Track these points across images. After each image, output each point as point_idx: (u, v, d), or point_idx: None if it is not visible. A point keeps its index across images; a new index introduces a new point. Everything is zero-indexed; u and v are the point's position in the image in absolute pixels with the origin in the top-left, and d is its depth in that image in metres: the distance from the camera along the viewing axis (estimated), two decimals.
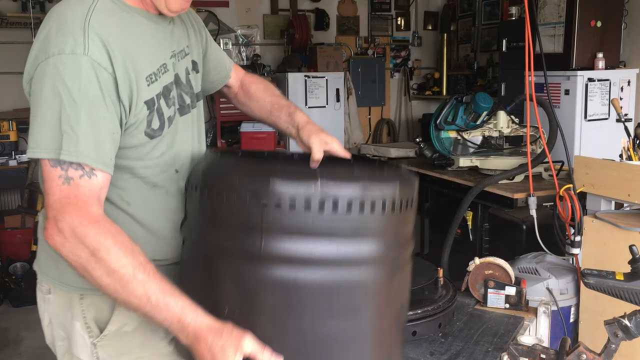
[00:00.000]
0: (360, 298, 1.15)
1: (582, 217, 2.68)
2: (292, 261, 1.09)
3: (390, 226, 1.16)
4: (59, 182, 1.13)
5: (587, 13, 4.25)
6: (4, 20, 5.66)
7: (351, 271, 1.12)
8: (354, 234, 1.11)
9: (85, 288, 1.29)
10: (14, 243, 4.63)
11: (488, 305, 1.97)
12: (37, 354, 3.61)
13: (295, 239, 1.08)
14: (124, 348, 1.34)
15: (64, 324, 1.36)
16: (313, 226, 1.08)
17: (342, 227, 1.09)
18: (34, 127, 1.16)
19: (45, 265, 1.37)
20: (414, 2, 7.60)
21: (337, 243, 1.10)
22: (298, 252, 1.09)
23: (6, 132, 4.97)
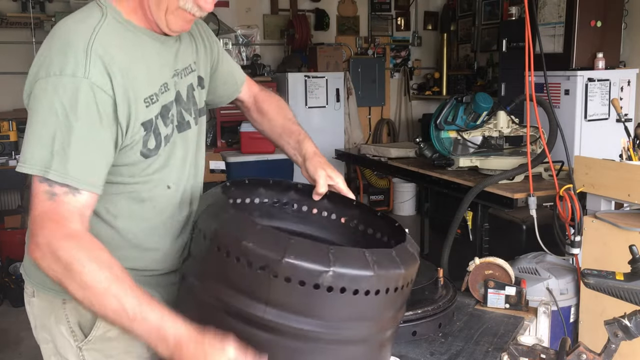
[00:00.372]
0: None
1: (582, 217, 2.68)
2: (291, 334, 1.11)
3: (390, 306, 1.19)
4: (44, 198, 1.14)
5: (587, 13, 4.25)
6: (4, 20, 5.66)
7: (346, 346, 1.16)
8: (356, 317, 1.13)
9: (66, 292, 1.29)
10: (14, 243, 4.63)
11: (488, 305, 1.97)
12: (37, 354, 3.59)
13: (298, 314, 1.10)
14: (109, 352, 1.35)
15: (48, 327, 1.37)
16: (319, 305, 1.09)
17: (346, 309, 1.11)
18: (28, 143, 1.18)
19: (29, 269, 1.38)
20: (414, 2, 7.60)
21: (336, 322, 1.12)
22: (299, 326, 1.10)
23: (6, 132, 4.97)
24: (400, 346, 1.70)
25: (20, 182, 4.86)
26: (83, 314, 1.33)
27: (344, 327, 1.13)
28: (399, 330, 1.70)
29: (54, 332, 1.36)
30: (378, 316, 1.18)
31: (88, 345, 1.34)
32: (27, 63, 4.84)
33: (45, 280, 1.31)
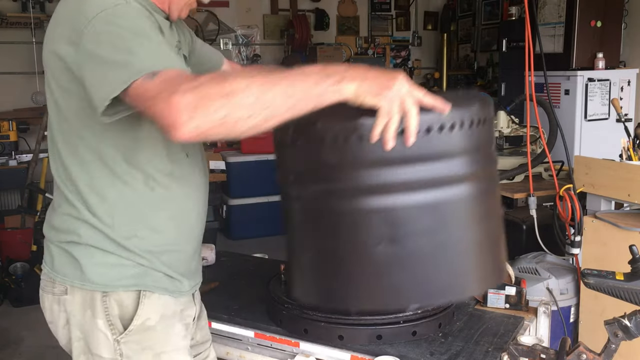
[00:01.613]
0: (457, 213, 1.22)
1: (582, 217, 2.68)
2: (391, 188, 1.16)
3: (471, 143, 1.20)
4: (149, 82, 1.08)
5: (587, 13, 4.25)
6: (4, 20, 5.66)
7: (445, 190, 1.18)
8: (440, 155, 1.17)
9: (109, 285, 1.33)
10: (14, 243, 4.63)
11: (488, 305, 1.97)
12: (37, 354, 3.61)
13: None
14: (145, 343, 1.37)
15: (82, 324, 1.37)
16: (403, 152, 1.13)
17: (428, 150, 1.15)
18: (106, 73, 1.13)
19: (61, 267, 1.36)
20: (414, 2, 7.60)
21: (428, 165, 1.16)
22: (396, 179, 1.16)
23: (6, 132, 4.97)
24: (400, 346, 1.70)
25: (20, 182, 4.87)
26: (124, 305, 1.35)
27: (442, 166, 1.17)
28: (399, 330, 1.71)
29: (87, 328, 1.36)
30: (467, 150, 1.19)
31: (127, 338, 1.35)
32: (27, 63, 4.88)
33: (84, 275, 1.33)
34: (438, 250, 1.21)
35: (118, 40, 1.14)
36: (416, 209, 1.18)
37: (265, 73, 1.08)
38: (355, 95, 1.09)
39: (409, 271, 1.21)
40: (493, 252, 1.28)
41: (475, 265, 1.26)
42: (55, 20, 1.29)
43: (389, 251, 1.19)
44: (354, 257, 1.23)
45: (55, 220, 1.38)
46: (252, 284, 2.15)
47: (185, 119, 1.01)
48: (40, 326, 1.48)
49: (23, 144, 5.38)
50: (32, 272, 4.35)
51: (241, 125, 1.06)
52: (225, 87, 1.04)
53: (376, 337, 1.70)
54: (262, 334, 1.83)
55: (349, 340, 1.71)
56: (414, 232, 1.19)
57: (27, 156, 5.02)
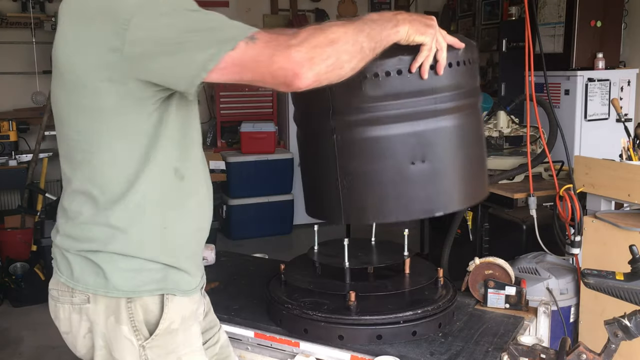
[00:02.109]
0: (471, 133, 1.52)
1: (582, 217, 2.68)
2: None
3: (460, 79, 1.45)
4: (250, 47, 1.14)
5: (587, 13, 4.25)
6: (4, 20, 5.66)
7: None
8: (436, 89, 1.42)
9: (135, 291, 1.32)
10: (14, 243, 4.63)
11: (488, 305, 1.97)
12: (37, 354, 3.61)
13: (381, 103, 1.41)
14: (170, 347, 1.37)
15: (104, 332, 1.35)
16: (396, 89, 1.40)
17: (421, 86, 1.41)
18: (189, 53, 1.15)
19: (83, 275, 1.34)
20: (414, 2, 7.60)
21: (418, 100, 1.41)
22: (381, 114, 1.42)
23: (6, 132, 4.96)
24: (400, 346, 1.70)
25: (20, 182, 4.87)
26: (149, 310, 1.34)
27: (435, 99, 1.42)
28: (399, 330, 1.71)
29: (110, 335, 1.35)
30: (458, 86, 1.45)
31: (152, 343, 1.34)
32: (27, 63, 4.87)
33: (108, 282, 1.31)
34: (458, 165, 1.51)
35: (180, 22, 1.16)
36: (442, 132, 1.45)
37: (346, 22, 1.21)
38: (407, 35, 1.30)
39: (436, 184, 1.48)
40: (484, 169, 1.62)
41: (482, 177, 1.59)
42: (78, 19, 1.24)
43: (421, 168, 1.45)
44: (391, 175, 1.47)
45: (73, 230, 1.35)
46: (252, 284, 2.15)
47: (305, 70, 1.13)
48: (40, 326, 1.48)
49: (23, 144, 5.38)
50: (32, 272, 4.35)
51: (345, 68, 1.19)
52: (329, 35, 1.16)
53: (376, 337, 1.71)
54: (262, 333, 1.83)
55: (349, 340, 1.71)
56: (440, 151, 1.46)
57: (27, 156, 5.02)
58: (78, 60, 1.24)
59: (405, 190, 1.47)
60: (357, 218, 1.57)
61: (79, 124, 1.30)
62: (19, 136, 5.17)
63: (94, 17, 1.21)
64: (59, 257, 1.39)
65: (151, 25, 1.16)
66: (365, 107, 1.43)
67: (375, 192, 1.49)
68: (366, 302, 1.77)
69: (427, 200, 1.49)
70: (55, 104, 1.35)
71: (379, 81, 1.39)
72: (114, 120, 1.26)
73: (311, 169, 1.63)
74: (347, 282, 1.84)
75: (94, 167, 1.30)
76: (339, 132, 1.47)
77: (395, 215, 1.51)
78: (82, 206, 1.32)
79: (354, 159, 1.48)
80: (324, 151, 1.51)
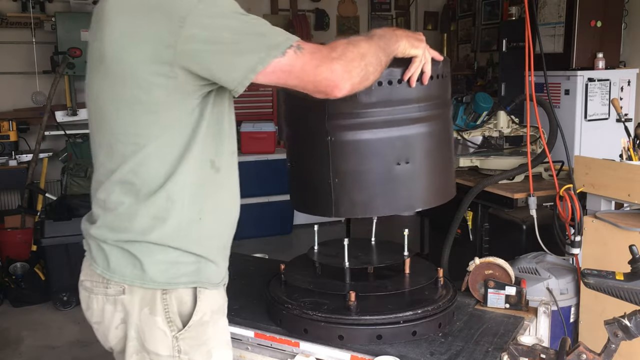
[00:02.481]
0: (444, 137, 1.72)
1: (582, 217, 2.68)
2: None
3: (438, 90, 1.65)
4: (299, 56, 1.26)
5: (587, 13, 4.25)
6: (4, 20, 5.66)
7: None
8: (420, 99, 1.60)
9: (171, 282, 1.36)
10: (14, 243, 4.63)
11: (488, 305, 1.97)
12: (37, 354, 3.61)
13: (373, 109, 1.58)
14: (201, 339, 1.41)
15: (137, 323, 1.38)
16: (386, 97, 1.56)
17: (408, 95, 1.59)
18: (240, 55, 1.24)
19: (119, 267, 1.37)
20: (414, 2, 7.60)
21: (405, 107, 1.59)
22: (373, 120, 1.59)
23: (6, 132, 4.97)
24: (400, 346, 1.70)
25: (20, 182, 4.87)
26: (183, 302, 1.38)
27: (419, 107, 1.61)
28: (399, 330, 1.71)
29: (144, 326, 1.38)
30: (437, 96, 1.65)
31: (185, 334, 1.38)
32: (27, 63, 4.87)
33: (145, 274, 1.35)
34: (435, 166, 1.70)
35: (233, 23, 1.25)
36: (423, 136, 1.64)
37: (367, 38, 1.38)
38: (404, 49, 1.47)
39: (417, 182, 1.66)
40: (453, 170, 1.82)
41: (452, 177, 1.80)
42: (132, 14, 1.28)
43: (405, 168, 1.63)
44: (379, 174, 1.63)
45: (113, 220, 1.38)
46: (252, 284, 2.15)
47: (344, 82, 1.29)
48: (40, 326, 1.49)
49: (23, 144, 5.38)
50: (32, 272, 4.35)
51: (370, 79, 1.36)
52: (360, 50, 1.33)
53: (376, 337, 1.70)
54: (262, 333, 1.83)
55: (349, 340, 1.71)
56: (421, 153, 1.65)
57: (27, 156, 5.02)
58: (130, 54, 1.28)
59: (391, 188, 1.64)
60: (346, 213, 1.71)
61: (126, 117, 1.33)
62: (19, 136, 5.17)
63: (149, 13, 1.26)
64: (95, 249, 1.42)
65: (207, 23, 1.23)
66: (358, 112, 1.58)
67: (364, 190, 1.65)
68: (366, 302, 1.77)
69: (410, 197, 1.68)
70: (97, 97, 1.38)
71: (371, 90, 1.52)
72: (162, 113, 1.31)
73: (304, 166, 1.75)
74: (347, 282, 1.84)
75: (138, 159, 1.34)
76: (332, 134, 1.61)
77: (382, 210, 1.68)
78: (124, 197, 1.36)
79: (346, 159, 1.63)
80: (318, 151, 1.65)
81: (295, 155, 1.79)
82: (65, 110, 5.57)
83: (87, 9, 5.65)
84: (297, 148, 1.78)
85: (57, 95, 5.23)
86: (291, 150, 1.80)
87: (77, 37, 5.36)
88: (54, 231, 4.15)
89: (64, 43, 5.31)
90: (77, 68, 5.35)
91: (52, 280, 4.21)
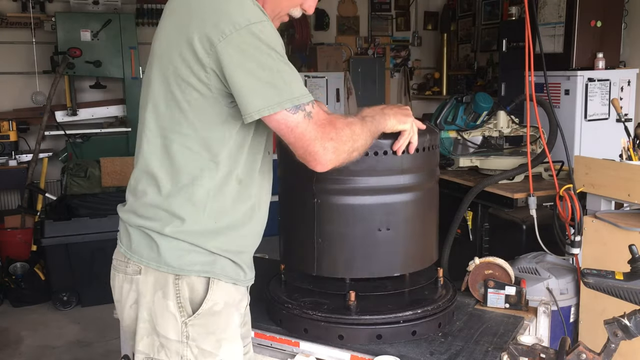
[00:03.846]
0: (427, 205, 1.80)
1: (582, 217, 2.68)
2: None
3: (424, 161, 1.72)
4: (306, 122, 1.34)
5: (587, 13, 4.25)
6: (4, 20, 5.66)
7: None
8: (404, 170, 1.68)
9: (184, 269, 1.41)
10: (14, 243, 4.63)
11: (488, 305, 1.97)
12: (37, 354, 3.61)
13: (359, 177, 1.66)
14: (210, 328, 1.43)
15: (150, 305, 1.43)
16: (372, 167, 1.64)
17: (393, 165, 1.66)
18: (260, 89, 1.30)
19: (139, 248, 1.44)
20: (414, 2, 7.60)
21: (390, 177, 1.67)
22: (358, 186, 1.67)
23: (6, 132, 4.97)
24: (400, 346, 1.70)
25: (20, 182, 4.87)
26: (195, 289, 1.42)
27: (404, 177, 1.69)
28: (399, 330, 1.71)
29: (156, 308, 1.42)
30: (422, 168, 1.73)
31: (194, 321, 1.41)
32: (27, 63, 4.87)
33: (160, 257, 1.40)
34: (415, 234, 1.77)
35: (267, 59, 1.31)
36: (406, 205, 1.73)
37: (360, 119, 1.48)
38: (392, 125, 1.58)
39: (397, 248, 1.74)
40: (435, 236, 1.89)
41: (433, 243, 1.87)
42: (190, 10, 1.34)
43: (386, 234, 1.70)
44: (361, 239, 1.70)
45: (138, 207, 1.45)
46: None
47: (329, 162, 1.38)
48: (40, 326, 1.50)
49: (23, 144, 5.38)
50: (32, 272, 4.35)
51: (354, 158, 1.44)
52: (354, 132, 1.42)
53: (376, 337, 1.71)
54: (262, 333, 1.83)
55: (349, 340, 1.71)
56: (403, 221, 1.73)
57: (27, 156, 5.02)
58: (175, 51, 1.35)
59: (371, 252, 1.71)
60: (328, 271, 1.77)
61: (159, 109, 1.40)
62: (19, 136, 5.17)
63: (202, 14, 1.32)
64: (122, 230, 1.50)
65: (244, 48, 1.29)
66: (344, 179, 1.66)
67: (345, 251, 1.72)
68: (366, 302, 1.77)
69: (389, 262, 1.75)
70: (151, 87, 1.43)
71: (359, 159, 1.54)
72: (196, 114, 1.37)
73: (290, 223, 1.85)
74: (347, 281, 1.84)
75: (171, 155, 1.40)
76: (319, 196, 1.70)
77: (361, 272, 1.75)
78: (147, 187, 1.43)
79: (330, 222, 1.71)
80: (305, 210, 1.73)
81: (284, 209, 1.87)
82: (65, 110, 5.57)
83: (87, 9, 5.66)
84: (287, 204, 1.86)
85: (57, 95, 5.23)
86: (281, 202, 1.87)
87: (77, 37, 5.37)
88: (54, 231, 4.15)
89: (64, 43, 5.32)
90: (77, 68, 5.36)
91: (52, 280, 4.21)
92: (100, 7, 5.68)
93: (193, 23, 1.32)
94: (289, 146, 1.39)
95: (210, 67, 1.31)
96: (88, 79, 5.79)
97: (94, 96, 6.03)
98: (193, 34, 1.31)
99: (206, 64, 1.31)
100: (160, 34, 1.43)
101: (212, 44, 1.29)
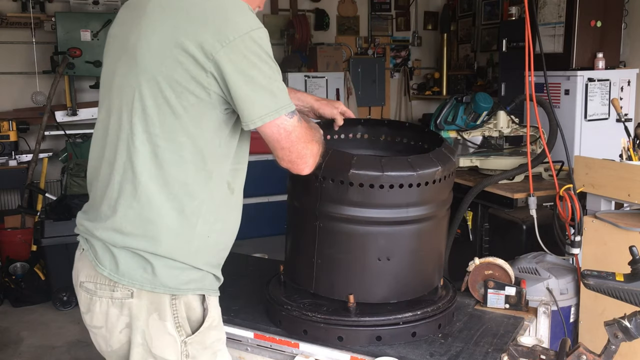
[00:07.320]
0: (430, 237, 1.77)
1: (582, 217, 2.68)
2: (357, 221, 1.65)
3: (433, 194, 1.68)
4: (300, 125, 1.38)
5: (587, 13, 4.25)
6: (4, 20, 5.65)
7: (407, 226, 1.69)
8: (413, 203, 1.65)
9: (180, 288, 1.38)
10: (14, 243, 4.63)
11: (488, 306, 1.97)
12: (37, 354, 3.61)
13: (361, 208, 1.64)
14: (207, 343, 1.43)
15: (144, 329, 1.38)
16: (378, 198, 1.62)
17: (398, 200, 1.63)
18: (259, 97, 1.31)
19: (129, 269, 1.36)
20: (414, 2, 7.60)
21: (393, 210, 1.65)
22: (359, 216, 1.65)
23: (6, 132, 4.96)
24: (400, 347, 1.70)
25: (20, 182, 4.86)
26: (192, 307, 1.40)
27: (408, 211, 1.65)
28: (398, 331, 1.71)
29: (152, 331, 1.37)
30: (431, 200, 1.69)
31: (194, 339, 1.40)
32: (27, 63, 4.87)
33: (155, 278, 1.35)
34: (416, 264, 1.75)
35: (265, 66, 1.32)
36: (408, 236, 1.71)
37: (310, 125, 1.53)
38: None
39: (396, 278, 1.72)
40: (440, 263, 1.87)
41: (436, 270, 1.85)
42: (185, 14, 1.31)
43: (385, 264, 1.69)
44: (359, 266, 1.70)
45: (124, 224, 1.36)
46: (252, 284, 2.15)
47: (315, 161, 1.45)
48: (40, 326, 1.49)
49: (23, 144, 5.37)
50: (32, 272, 4.35)
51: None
52: (321, 136, 1.51)
53: (376, 338, 1.70)
54: (261, 334, 1.83)
55: (349, 342, 1.71)
56: (404, 252, 1.72)
57: (27, 156, 5.02)
58: (168, 57, 1.30)
59: (368, 279, 1.71)
60: (325, 291, 1.77)
61: (151, 116, 1.33)
62: (19, 136, 5.17)
63: (200, 20, 1.30)
64: (100, 250, 1.39)
65: (245, 55, 1.29)
66: (346, 208, 1.64)
67: (343, 276, 1.73)
68: (365, 303, 1.77)
69: (386, 290, 1.74)
70: (124, 89, 1.36)
71: (363, 190, 1.59)
72: (191, 120, 1.32)
73: (295, 238, 1.86)
74: None
75: (161, 163, 1.33)
76: (321, 220, 1.69)
77: (357, 297, 1.72)
78: (133, 201, 1.36)
79: (330, 245, 1.70)
80: (307, 229, 1.73)
81: (290, 224, 1.87)
82: (65, 110, 5.56)
83: (87, 9, 5.65)
84: (292, 218, 1.86)
85: (57, 95, 5.23)
86: (288, 218, 1.87)
87: (77, 37, 5.36)
88: (54, 231, 4.15)
89: (63, 43, 5.31)
90: (77, 68, 5.35)
91: (52, 280, 4.21)
92: (100, 7, 5.67)
93: (192, 27, 1.29)
94: (276, 153, 1.39)
95: (211, 72, 1.29)
96: (88, 79, 5.78)
97: (94, 96, 6.02)
98: (193, 38, 1.28)
99: (207, 69, 1.29)
100: (139, 34, 1.34)
101: (214, 49, 1.27)
